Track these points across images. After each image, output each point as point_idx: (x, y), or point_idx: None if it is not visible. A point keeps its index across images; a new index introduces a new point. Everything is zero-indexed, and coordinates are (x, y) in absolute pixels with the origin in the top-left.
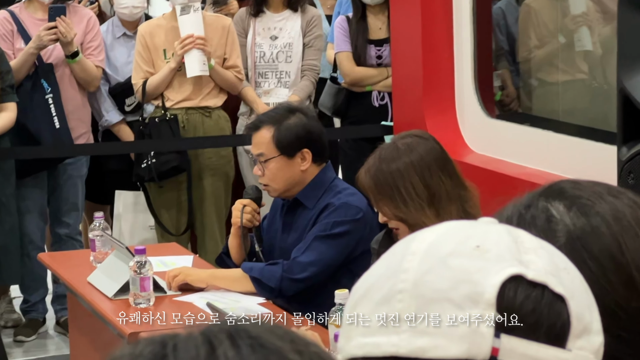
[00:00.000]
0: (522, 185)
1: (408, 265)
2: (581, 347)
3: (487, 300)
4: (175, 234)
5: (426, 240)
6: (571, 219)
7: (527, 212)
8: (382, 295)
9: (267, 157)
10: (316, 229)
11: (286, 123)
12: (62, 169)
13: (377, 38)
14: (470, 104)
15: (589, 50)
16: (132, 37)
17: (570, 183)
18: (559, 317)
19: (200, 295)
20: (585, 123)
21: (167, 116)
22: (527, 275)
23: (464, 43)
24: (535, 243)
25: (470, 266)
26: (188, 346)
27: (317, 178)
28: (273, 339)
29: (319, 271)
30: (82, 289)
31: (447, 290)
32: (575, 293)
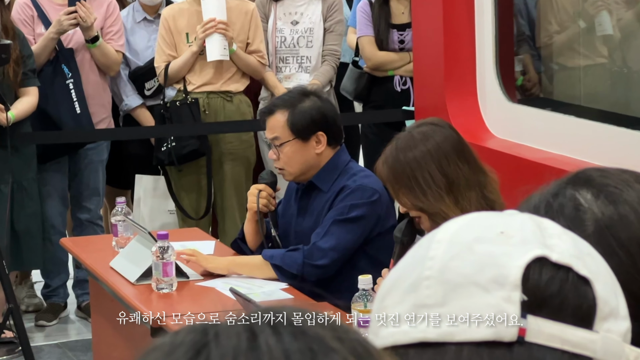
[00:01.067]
0: (543, 170)
1: (433, 253)
2: (608, 330)
3: (513, 281)
4: (195, 218)
5: (451, 229)
6: (599, 208)
7: (555, 200)
8: (409, 284)
9: (282, 141)
10: (333, 213)
11: (300, 106)
12: (83, 153)
13: (399, 23)
14: (491, 88)
15: (610, 35)
16: (153, 22)
17: (598, 171)
18: (584, 299)
19: (222, 280)
20: (606, 108)
21: (188, 100)
22: (551, 257)
23: (485, 28)
24: (558, 229)
25: (495, 250)
26: (230, 334)
27: (332, 161)
28: (315, 326)
29: (339, 256)
30: (105, 274)
31: (473, 274)
32: (600, 276)
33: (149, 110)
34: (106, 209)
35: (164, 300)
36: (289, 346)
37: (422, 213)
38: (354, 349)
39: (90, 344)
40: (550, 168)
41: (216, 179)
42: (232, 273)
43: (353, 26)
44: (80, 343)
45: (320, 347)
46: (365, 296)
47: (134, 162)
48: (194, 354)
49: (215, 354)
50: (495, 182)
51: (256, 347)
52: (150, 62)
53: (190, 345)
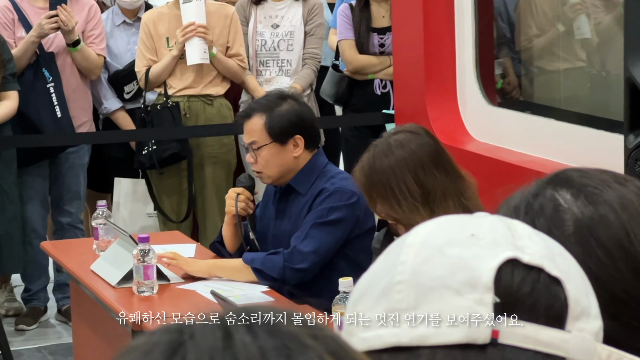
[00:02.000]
0: (524, 173)
1: (405, 258)
2: (580, 329)
3: (485, 283)
4: (176, 221)
5: (421, 233)
6: (579, 208)
7: (535, 200)
8: (381, 289)
9: (260, 145)
10: (312, 216)
11: (278, 110)
12: (64, 157)
13: (380, 26)
14: (471, 92)
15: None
16: (132, 25)
17: (577, 171)
18: (556, 299)
19: (203, 283)
20: (586, 111)
21: (169, 103)
22: (522, 259)
23: (465, 31)
24: (529, 230)
25: (466, 253)
26: (205, 333)
27: (310, 164)
28: (289, 324)
29: (319, 259)
30: (86, 277)
31: (445, 277)
32: (571, 277)
33: (128, 113)
34: (87, 213)
35: (145, 303)
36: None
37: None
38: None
39: (71, 347)
40: (530, 171)
41: (197, 182)
42: (212, 276)
43: (335, 27)
44: (60, 347)
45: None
46: (346, 298)
47: (114, 165)
48: (170, 353)
49: (191, 353)
50: (474, 186)
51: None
52: (129, 65)
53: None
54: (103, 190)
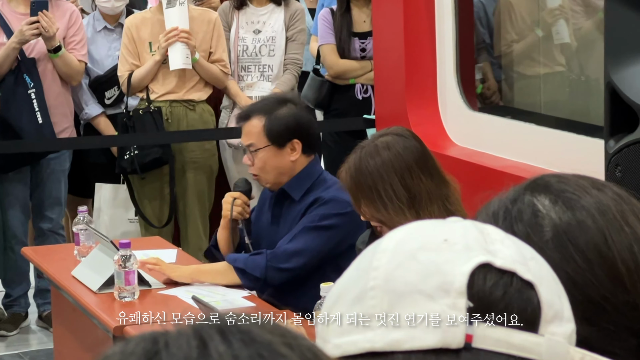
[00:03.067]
0: (505, 177)
1: (378, 263)
2: (553, 333)
3: (458, 288)
4: (158, 226)
5: (394, 239)
6: (557, 213)
7: (514, 206)
8: (354, 295)
9: (257, 147)
10: (304, 220)
11: (277, 113)
12: (45, 163)
13: (361, 31)
14: (452, 97)
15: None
16: (113, 31)
17: (555, 177)
18: (529, 303)
19: (185, 288)
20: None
21: (151, 108)
22: (495, 263)
23: (446, 36)
24: (502, 235)
25: (439, 258)
26: (180, 342)
27: (306, 169)
28: (264, 333)
29: (304, 261)
30: (67, 283)
31: (418, 282)
32: (543, 280)
33: (109, 119)
34: (67, 218)
35: (126, 309)
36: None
37: (382, 224)
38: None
39: (52, 353)
40: (511, 175)
41: (179, 188)
42: (195, 281)
43: (316, 34)
44: (41, 353)
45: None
46: None
47: (95, 170)
48: None
49: None
50: (457, 191)
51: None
52: (110, 71)
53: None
54: (84, 196)
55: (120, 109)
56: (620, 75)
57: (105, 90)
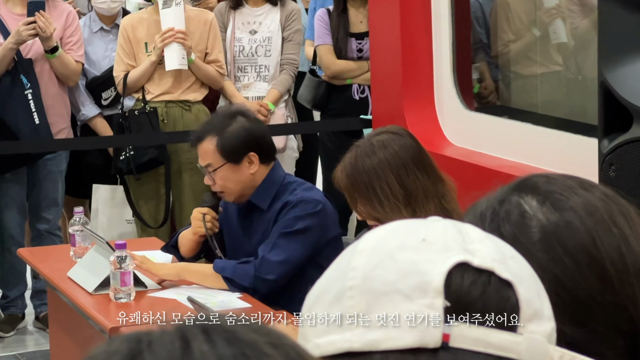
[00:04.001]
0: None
1: (356, 263)
2: (532, 332)
3: (435, 288)
4: (154, 227)
5: (373, 239)
6: (544, 214)
7: (501, 207)
8: (333, 295)
9: (215, 167)
10: (279, 226)
11: (228, 130)
12: (42, 164)
13: (358, 31)
14: (449, 97)
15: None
16: (110, 32)
17: (543, 177)
18: (507, 302)
19: (181, 290)
20: (563, 115)
21: (146, 109)
22: (473, 262)
23: (442, 36)
24: (480, 234)
25: (417, 258)
26: (163, 342)
27: (268, 178)
28: (248, 332)
29: (289, 270)
30: (62, 284)
31: (396, 282)
32: (523, 279)
33: (106, 119)
34: (64, 219)
35: (122, 310)
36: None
37: (378, 223)
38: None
39: (49, 355)
40: (507, 175)
41: (175, 188)
42: (182, 279)
43: (310, 39)
44: (38, 354)
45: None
46: None
47: (91, 171)
48: None
49: None
50: (454, 190)
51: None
52: (107, 72)
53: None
54: (81, 197)
55: (116, 109)
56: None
57: (102, 91)
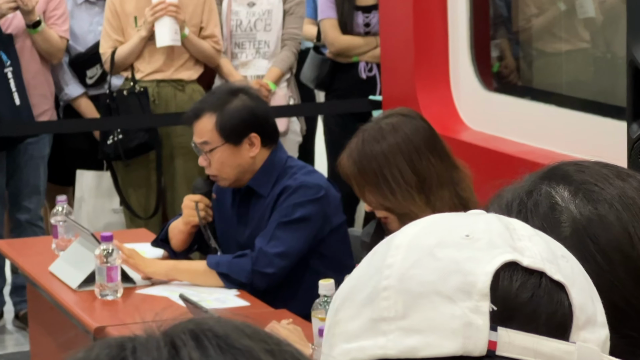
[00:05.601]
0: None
1: (391, 261)
2: (585, 340)
3: (480, 290)
4: (144, 217)
5: (410, 233)
6: (577, 207)
7: (529, 198)
8: (365, 295)
9: (212, 147)
10: (277, 215)
11: (229, 107)
12: (23, 149)
13: (365, 4)
14: (465, 76)
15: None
16: (95, 4)
17: (574, 165)
18: (559, 306)
19: (172, 286)
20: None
21: (136, 89)
22: (522, 262)
23: (459, 9)
24: (529, 230)
25: (459, 256)
26: (149, 348)
27: (269, 162)
28: (242, 338)
29: (288, 262)
30: (43, 279)
31: (436, 282)
32: (575, 281)
33: (91, 100)
34: (46, 209)
35: (108, 308)
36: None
37: (389, 213)
38: None
39: (29, 356)
40: (529, 162)
41: (167, 175)
42: (171, 279)
43: (310, 17)
44: (18, 355)
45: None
46: (327, 302)
47: (76, 156)
48: None
49: None
50: (469, 177)
51: None
52: (92, 48)
53: None
54: (64, 184)
55: (103, 89)
56: None
57: (86, 69)
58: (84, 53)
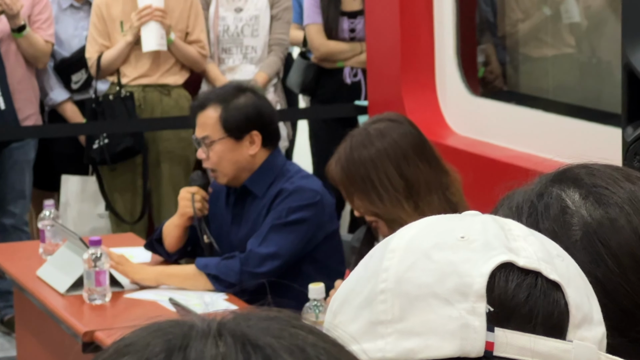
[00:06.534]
0: (509, 169)
1: (388, 264)
2: (582, 338)
3: (477, 291)
4: (130, 222)
5: (406, 236)
6: (588, 210)
7: (540, 201)
8: (362, 298)
9: (213, 139)
10: (271, 217)
11: (235, 102)
12: (8, 153)
13: (350, 10)
14: (452, 81)
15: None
16: (80, 9)
17: (584, 168)
18: (555, 306)
19: (160, 290)
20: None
21: (122, 94)
22: (517, 263)
23: (445, 14)
24: (525, 231)
25: (455, 258)
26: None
27: (267, 163)
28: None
29: (280, 263)
30: (31, 284)
31: (433, 284)
32: (571, 280)
33: (77, 105)
34: (32, 213)
35: (97, 313)
36: None
37: (378, 218)
38: None
39: None
40: (516, 167)
41: (153, 180)
42: (160, 284)
43: (296, 22)
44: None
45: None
46: (317, 307)
47: (61, 161)
48: None
49: None
50: (458, 181)
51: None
52: (77, 52)
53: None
54: (50, 189)
55: (88, 94)
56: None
57: (71, 74)
58: (69, 58)
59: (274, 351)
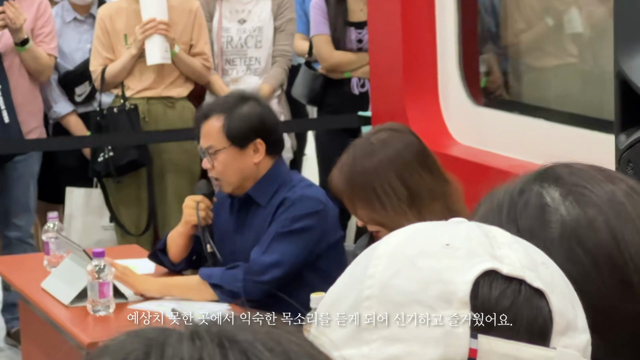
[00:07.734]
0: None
1: (373, 270)
2: (566, 345)
3: (461, 298)
4: (135, 234)
5: (391, 244)
6: (566, 209)
7: (520, 198)
8: (348, 305)
9: (217, 149)
10: (275, 226)
11: (238, 111)
12: (12, 166)
13: (357, 20)
14: (454, 91)
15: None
16: (84, 22)
17: (567, 167)
18: (539, 313)
19: (164, 301)
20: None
21: (126, 106)
22: (501, 270)
23: (447, 25)
24: (509, 238)
25: (440, 265)
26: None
27: (271, 172)
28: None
29: (283, 272)
30: (36, 295)
31: (417, 292)
32: (555, 288)
33: (81, 117)
34: (37, 226)
35: (101, 324)
36: None
37: (381, 227)
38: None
39: None
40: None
41: (158, 192)
42: (165, 295)
43: (302, 32)
44: None
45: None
46: None
47: (65, 174)
48: None
49: None
50: (460, 191)
51: None
52: (81, 65)
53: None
54: (54, 201)
55: (92, 106)
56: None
57: (75, 87)
58: (73, 71)
59: (250, 344)
